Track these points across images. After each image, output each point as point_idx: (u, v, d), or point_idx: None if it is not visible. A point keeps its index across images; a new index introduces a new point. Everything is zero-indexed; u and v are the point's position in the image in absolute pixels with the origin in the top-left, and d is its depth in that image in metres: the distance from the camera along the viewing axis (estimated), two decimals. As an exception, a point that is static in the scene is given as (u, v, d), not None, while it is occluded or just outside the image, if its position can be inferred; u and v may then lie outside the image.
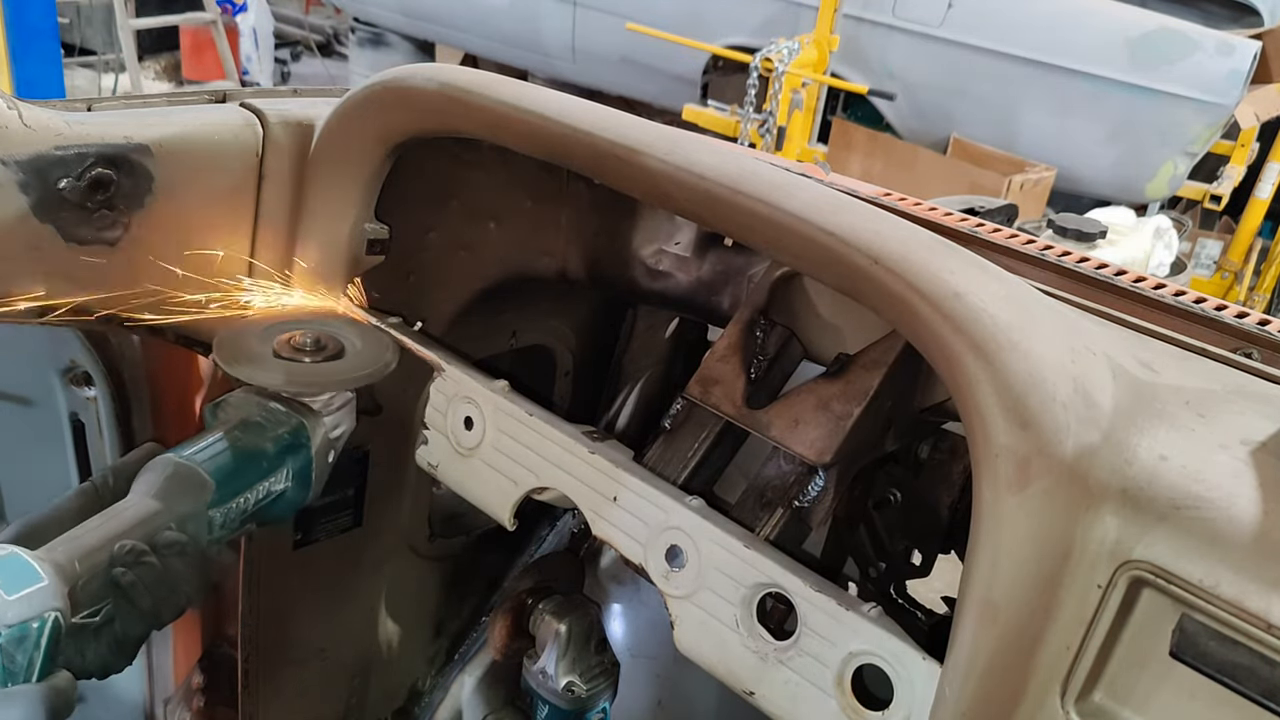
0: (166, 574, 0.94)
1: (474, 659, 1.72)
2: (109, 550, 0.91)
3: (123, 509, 0.97)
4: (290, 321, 1.21)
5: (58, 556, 0.88)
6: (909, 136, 5.32)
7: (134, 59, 6.52)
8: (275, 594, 1.40)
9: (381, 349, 1.19)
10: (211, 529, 1.02)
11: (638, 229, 1.41)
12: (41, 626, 0.81)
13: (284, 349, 1.15)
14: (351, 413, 1.21)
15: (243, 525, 1.08)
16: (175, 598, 0.95)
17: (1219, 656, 0.70)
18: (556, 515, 1.77)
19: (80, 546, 0.90)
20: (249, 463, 1.07)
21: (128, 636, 0.91)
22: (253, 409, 1.12)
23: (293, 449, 1.12)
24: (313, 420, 1.14)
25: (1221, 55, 4.63)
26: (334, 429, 1.18)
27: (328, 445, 1.16)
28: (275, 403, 1.13)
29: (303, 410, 1.14)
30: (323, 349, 1.16)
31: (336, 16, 8.82)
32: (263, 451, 1.09)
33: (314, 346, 1.16)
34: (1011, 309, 0.79)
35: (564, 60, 6.45)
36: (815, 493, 1.05)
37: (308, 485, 1.14)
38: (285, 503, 1.13)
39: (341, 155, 1.20)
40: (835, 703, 0.90)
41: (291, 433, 1.12)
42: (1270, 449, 0.76)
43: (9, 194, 1.01)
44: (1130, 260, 3.35)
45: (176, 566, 0.95)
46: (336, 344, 1.17)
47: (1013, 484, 0.73)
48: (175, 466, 1.02)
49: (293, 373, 1.13)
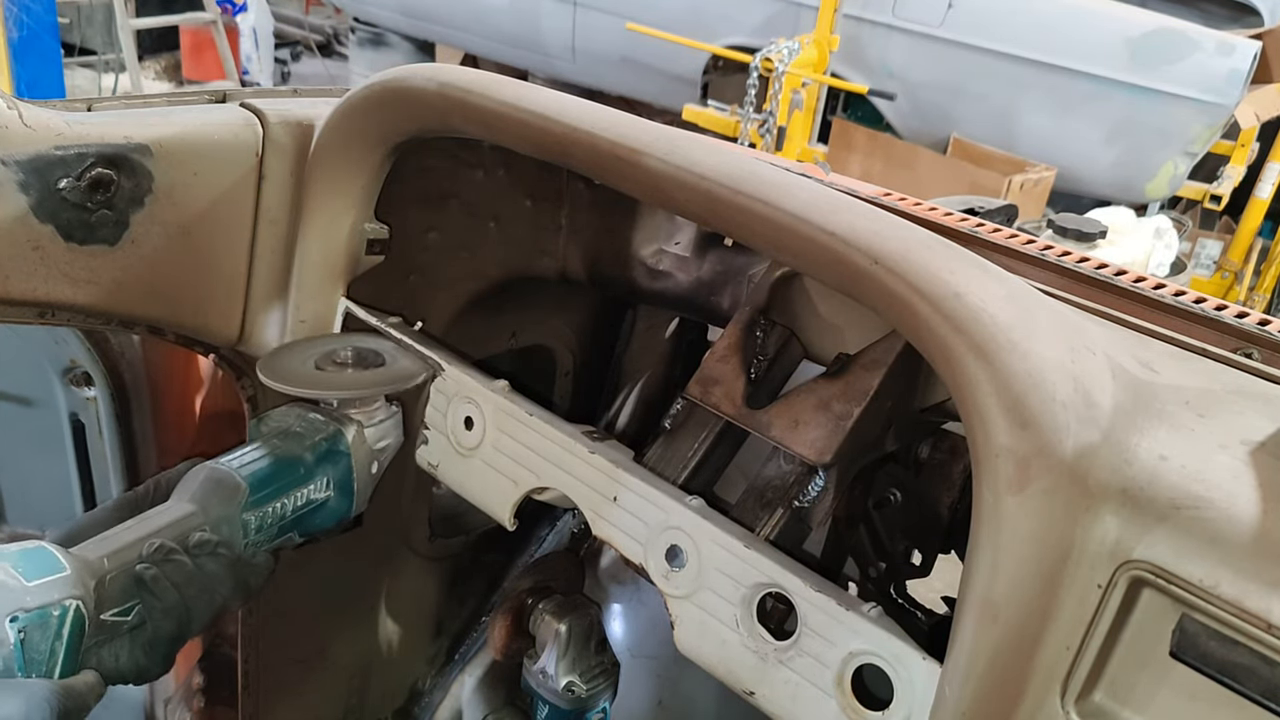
0: (197, 574, 0.95)
1: (474, 659, 1.72)
2: (139, 549, 0.92)
3: (157, 512, 0.99)
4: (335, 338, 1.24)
5: (86, 552, 0.89)
6: (909, 136, 5.32)
7: (134, 59, 6.52)
8: (275, 594, 1.39)
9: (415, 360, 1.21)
10: (246, 532, 1.03)
11: (638, 229, 1.41)
12: (63, 615, 0.81)
13: (324, 363, 1.18)
14: (398, 426, 1.22)
15: (282, 533, 1.08)
16: (207, 598, 0.95)
17: (1219, 656, 0.70)
18: (556, 515, 1.77)
19: (110, 545, 0.91)
20: (285, 469, 1.08)
21: (159, 637, 0.91)
22: (292, 420, 1.14)
23: (331, 457, 1.13)
24: (352, 430, 1.15)
25: (1221, 55, 4.63)
26: (378, 441, 1.19)
27: (370, 456, 1.18)
28: (315, 414, 1.15)
29: (343, 420, 1.16)
30: (362, 361, 1.19)
31: (336, 16, 8.82)
32: (300, 459, 1.10)
33: (355, 360, 1.19)
34: (1011, 309, 0.79)
35: (564, 60, 6.46)
36: (815, 493, 1.05)
37: (350, 495, 1.15)
38: (328, 512, 1.14)
39: (341, 155, 1.20)
40: (835, 703, 0.90)
41: (329, 440, 1.13)
42: (1270, 449, 0.76)
43: (9, 194, 1.01)
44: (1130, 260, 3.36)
45: (209, 567, 0.96)
46: (377, 357, 1.20)
47: (1013, 484, 0.73)
48: (210, 471, 1.03)
49: (319, 380, 1.15)
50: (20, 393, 1.48)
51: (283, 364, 1.17)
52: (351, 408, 1.17)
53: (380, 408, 1.19)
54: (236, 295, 1.25)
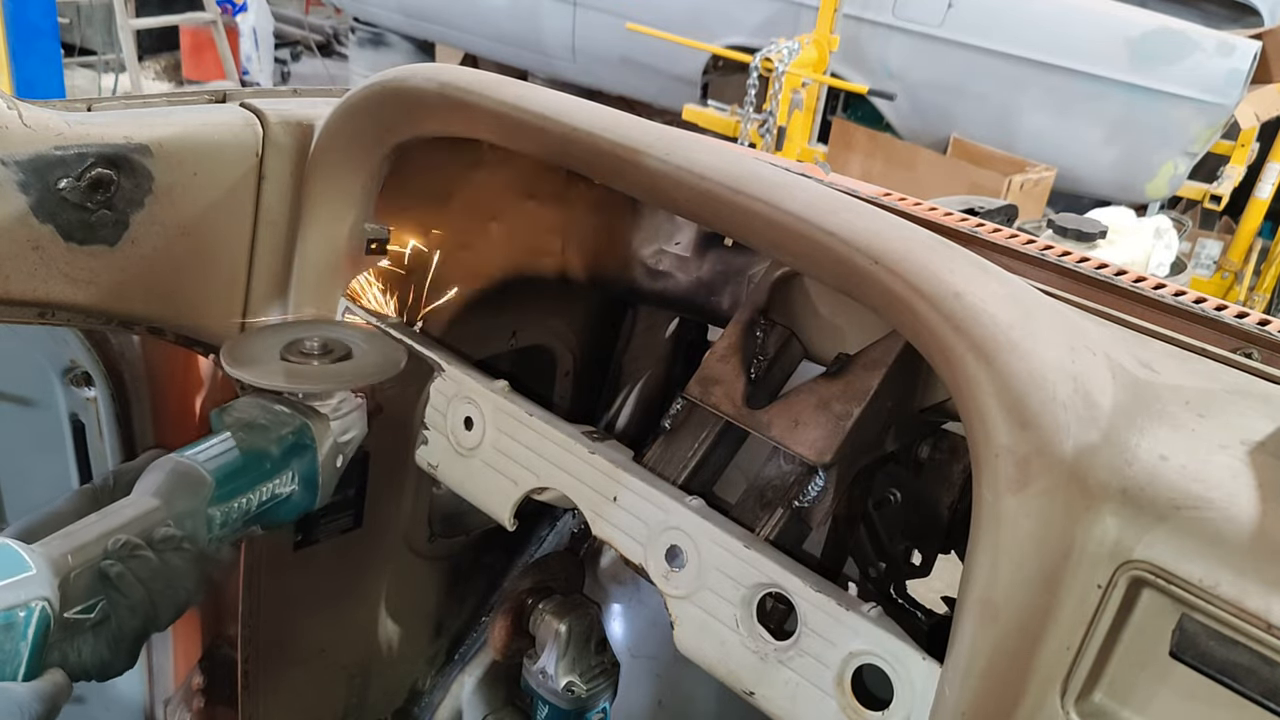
0: (163, 569, 0.94)
1: (474, 659, 1.72)
2: (103, 545, 0.91)
3: (120, 506, 0.97)
4: (299, 326, 1.22)
5: (50, 550, 0.87)
6: (909, 136, 5.32)
7: (134, 59, 6.52)
8: (275, 594, 1.40)
9: (388, 354, 1.19)
10: (211, 527, 1.02)
11: (638, 229, 1.41)
12: (29, 616, 0.80)
13: (290, 353, 1.15)
14: (363, 418, 1.21)
15: (246, 526, 1.08)
16: (172, 593, 0.95)
17: (1219, 656, 0.70)
18: (556, 515, 1.77)
19: (74, 541, 0.90)
20: (252, 463, 1.07)
21: (124, 632, 0.91)
22: (257, 412, 1.12)
23: (297, 451, 1.11)
24: (319, 423, 1.14)
25: (1221, 55, 4.63)
26: (343, 434, 1.17)
27: (336, 449, 1.16)
28: (281, 405, 1.13)
29: (309, 413, 1.14)
30: (329, 353, 1.16)
31: (336, 16, 8.82)
32: (266, 453, 1.08)
33: (321, 350, 1.16)
34: (1011, 309, 0.79)
35: (564, 60, 6.45)
36: (815, 493, 1.05)
37: (314, 489, 1.14)
38: (291, 506, 1.12)
39: (341, 155, 1.20)
40: (835, 703, 0.89)
41: (295, 434, 1.11)
42: (1270, 449, 0.76)
43: (9, 194, 1.01)
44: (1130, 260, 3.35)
45: (174, 562, 0.95)
46: (344, 348, 1.17)
47: (1013, 484, 0.73)
48: (174, 465, 1.02)
49: (292, 373, 1.13)
50: (20, 393, 1.48)
51: (248, 353, 1.15)
52: (317, 399, 1.16)
53: (346, 399, 1.18)
54: (236, 295, 1.25)
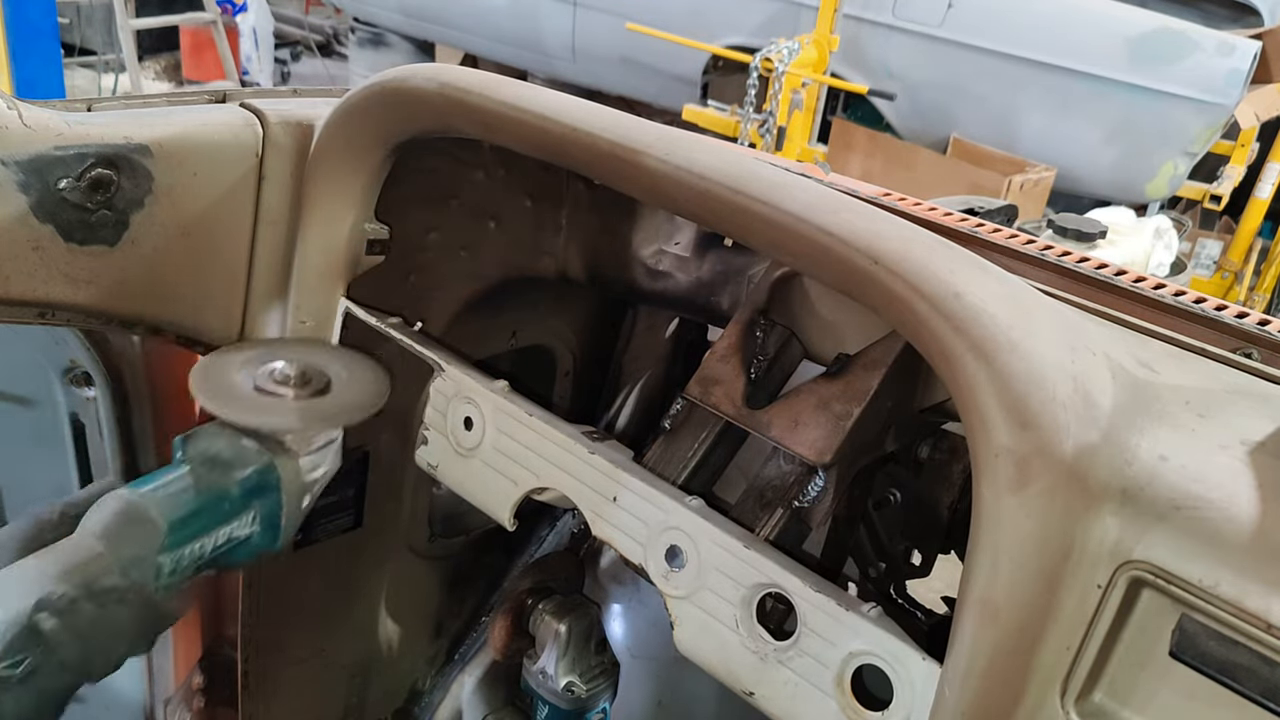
0: (102, 622, 0.86)
1: (474, 659, 1.72)
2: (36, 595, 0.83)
3: (61, 548, 0.89)
4: (278, 347, 1.16)
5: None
6: (909, 136, 5.32)
7: (134, 59, 6.52)
8: (275, 594, 1.40)
9: (368, 387, 1.13)
10: (160, 575, 0.93)
11: (638, 229, 1.41)
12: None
13: (265, 381, 1.08)
14: (336, 453, 1.13)
15: (198, 572, 0.99)
16: (111, 647, 0.88)
17: (1219, 656, 0.70)
18: (556, 515, 1.77)
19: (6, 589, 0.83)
20: (209, 505, 0.99)
21: (52, 689, 0.84)
22: (222, 444, 1.03)
23: (260, 491, 1.03)
24: (286, 461, 1.05)
25: (1221, 55, 4.63)
26: (311, 470, 1.09)
27: (302, 489, 1.08)
28: (248, 439, 1.04)
29: (276, 449, 1.05)
30: (307, 384, 1.09)
31: (336, 16, 8.82)
32: (226, 493, 1.00)
33: (298, 381, 1.09)
34: (1011, 309, 0.79)
35: (564, 60, 6.46)
36: (815, 493, 1.05)
37: (277, 531, 1.06)
38: (249, 548, 1.04)
39: (341, 155, 1.20)
40: (835, 703, 0.89)
41: (260, 472, 1.03)
42: (1270, 449, 0.76)
43: (9, 194, 1.01)
44: (1130, 260, 3.36)
45: (115, 614, 0.87)
46: (323, 379, 1.10)
47: (1013, 484, 0.73)
48: (125, 504, 0.93)
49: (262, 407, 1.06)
50: (20, 393, 1.48)
51: (220, 376, 1.08)
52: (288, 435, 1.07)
53: (320, 434, 1.10)
54: (236, 295, 1.25)
